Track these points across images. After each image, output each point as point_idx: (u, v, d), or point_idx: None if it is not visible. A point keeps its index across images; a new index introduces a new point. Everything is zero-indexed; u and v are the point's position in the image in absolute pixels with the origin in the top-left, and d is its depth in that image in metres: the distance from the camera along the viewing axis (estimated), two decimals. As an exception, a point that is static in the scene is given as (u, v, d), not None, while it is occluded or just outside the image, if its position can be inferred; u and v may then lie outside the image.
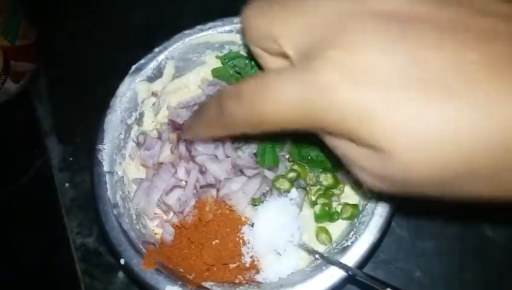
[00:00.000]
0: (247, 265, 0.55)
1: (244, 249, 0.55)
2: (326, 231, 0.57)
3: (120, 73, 0.66)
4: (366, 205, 0.55)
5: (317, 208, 0.58)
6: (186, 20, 0.69)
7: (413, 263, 0.61)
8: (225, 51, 0.65)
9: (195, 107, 0.64)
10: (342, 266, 0.50)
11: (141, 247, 0.55)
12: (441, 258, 0.61)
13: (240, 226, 0.56)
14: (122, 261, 0.54)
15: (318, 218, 0.58)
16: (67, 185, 0.73)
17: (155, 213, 0.60)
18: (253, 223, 0.56)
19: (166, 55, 0.63)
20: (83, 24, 0.85)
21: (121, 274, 0.66)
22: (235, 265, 0.55)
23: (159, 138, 0.63)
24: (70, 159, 0.75)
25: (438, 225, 0.63)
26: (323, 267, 0.51)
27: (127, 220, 0.56)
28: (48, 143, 0.77)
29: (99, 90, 0.77)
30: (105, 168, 0.58)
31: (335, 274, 0.50)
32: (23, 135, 0.80)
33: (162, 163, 0.62)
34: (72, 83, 0.81)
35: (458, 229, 0.63)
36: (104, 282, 0.66)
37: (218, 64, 0.66)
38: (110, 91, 0.64)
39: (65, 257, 0.69)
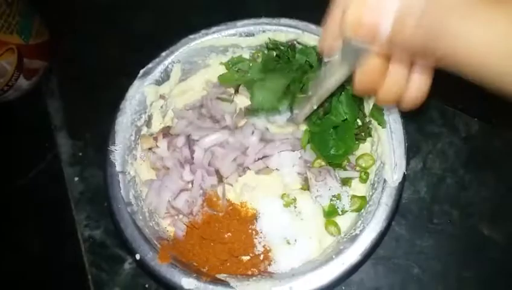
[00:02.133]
0: (261, 257, 0.58)
1: (256, 240, 0.59)
2: (335, 224, 0.60)
3: (128, 72, 0.68)
4: (372, 195, 0.58)
5: (326, 205, 0.61)
6: (193, 22, 0.72)
7: (412, 260, 0.63)
8: (229, 54, 0.68)
9: (203, 110, 0.67)
10: None
11: (155, 242, 0.58)
12: (439, 256, 0.63)
13: (251, 219, 0.60)
14: (137, 257, 0.56)
15: (327, 215, 0.60)
16: (76, 179, 0.76)
17: (166, 212, 0.63)
18: (263, 213, 0.60)
19: (173, 59, 0.66)
20: (93, 25, 0.88)
21: (127, 265, 0.68)
22: (248, 258, 0.59)
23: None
24: (80, 154, 0.78)
25: (436, 224, 0.65)
26: (334, 256, 0.54)
27: (140, 217, 0.59)
28: (58, 138, 0.80)
29: (108, 88, 0.80)
30: (118, 168, 0.61)
31: (345, 262, 0.53)
32: (35, 130, 0.82)
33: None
34: (82, 81, 0.84)
35: (456, 229, 0.65)
36: (110, 273, 0.68)
37: (222, 66, 0.69)
38: (119, 89, 0.66)
39: (73, 249, 0.71)
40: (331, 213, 0.60)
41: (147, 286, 0.66)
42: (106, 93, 0.80)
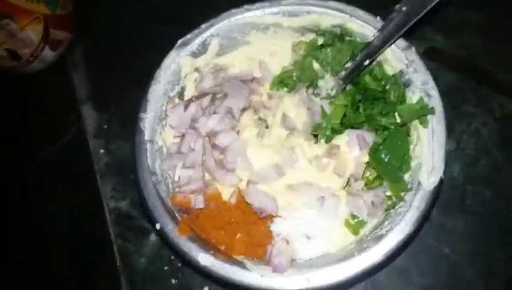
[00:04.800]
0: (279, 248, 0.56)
1: (274, 232, 0.57)
2: (354, 228, 0.57)
3: (154, 46, 0.67)
4: (404, 195, 0.55)
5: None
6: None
7: (443, 240, 0.63)
8: (269, 33, 0.66)
9: (248, 84, 0.64)
10: None
11: (177, 215, 0.57)
12: (471, 237, 0.63)
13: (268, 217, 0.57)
14: (157, 226, 0.56)
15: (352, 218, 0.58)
16: (102, 151, 0.76)
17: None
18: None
19: (212, 32, 0.64)
20: (120, -3, 0.87)
21: (153, 237, 0.68)
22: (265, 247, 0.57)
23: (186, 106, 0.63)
24: (105, 126, 0.78)
25: (468, 205, 0.64)
26: (356, 253, 0.52)
27: (164, 188, 0.59)
28: (83, 110, 0.80)
29: (133, 62, 0.80)
30: (147, 137, 0.60)
31: (367, 261, 0.51)
32: (59, 102, 0.82)
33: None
34: (106, 54, 0.83)
35: (488, 210, 0.64)
36: (136, 244, 0.69)
37: (262, 44, 0.67)
38: (145, 63, 0.65)
39: (98, 220, 0.71)
40: (355, 219, 0.58)
41: (172, 257, 0.67)
42: (131, 66, 0.79)
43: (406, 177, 0.57)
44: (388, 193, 0.57)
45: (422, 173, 0.54)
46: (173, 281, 0.66)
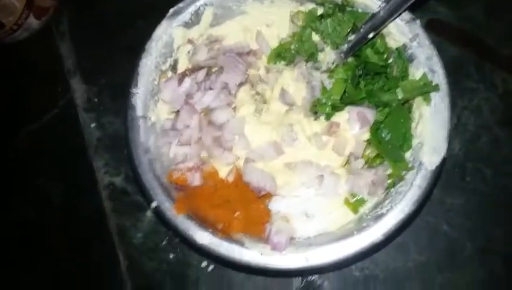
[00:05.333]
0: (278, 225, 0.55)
1: (273, 211, 0.56)
2: (353, 206, 0.57)
3: (144, 15, 0.64)
4: (405, 174, 0.54)
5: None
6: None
7: (441, 217, 0.63)
8: (266, 2, 0.63)
9: (244, 57, 0.62)
10: None
11: (173, 193, 0.56)
12: (469, 214, 0.63)
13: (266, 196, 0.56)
14: (153, 205, 0.55)
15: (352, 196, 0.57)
16: (93, 125, 0.73)
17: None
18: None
19: (206, 1, 0.61)
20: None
21: (149, 213, 0.67)
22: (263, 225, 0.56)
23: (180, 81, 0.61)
24: (95, 100, 0.75)
25: (468, 182, 0.64)
26: (355, 232, 0.51)
27: (159, 166, 0.57)
28: (71, 83, 0.76)
29: (122, 32, 0.76)
30: (139, 112, 0.58)
31: (366, 240, 0.50)
32: (46, 73, 0.78)
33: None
34: (94, 23, 0.79)
35: (488, 187, 0.64)
36: (132, 220, 0.68)
37: (259, 14, 0.64)
38: (135, 33, 0.63)
39: (93, 195, 0.70)
40: (354, 197, 0.57)
41: (170, 232, 0.66)
42: (120, 37, 0.76)
43: (407, 156, 0.55)
44: (389, 172, 0.56)
45: (424, 152, 0.53)
46: (171, 255, 0.66)
